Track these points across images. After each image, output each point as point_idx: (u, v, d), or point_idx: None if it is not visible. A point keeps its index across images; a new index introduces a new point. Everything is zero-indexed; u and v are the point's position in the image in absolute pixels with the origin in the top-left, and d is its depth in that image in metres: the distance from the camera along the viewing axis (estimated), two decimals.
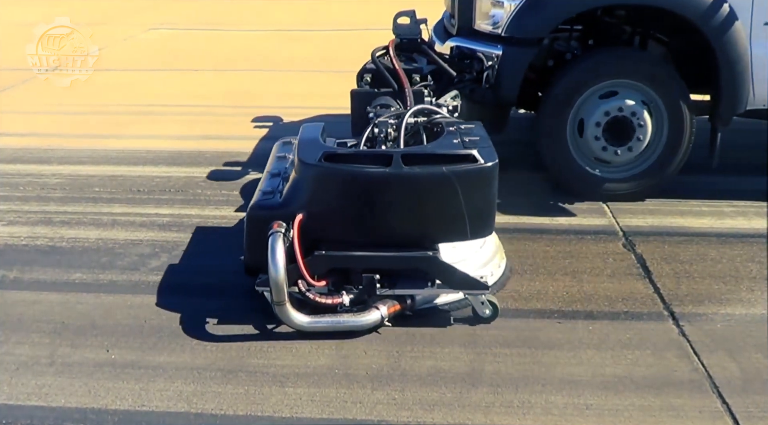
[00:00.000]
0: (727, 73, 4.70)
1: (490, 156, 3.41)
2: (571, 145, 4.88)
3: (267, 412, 2.96)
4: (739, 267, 4.09)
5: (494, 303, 3.55)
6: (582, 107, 4.83)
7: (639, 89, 4.79)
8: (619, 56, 4.95)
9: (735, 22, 4.60)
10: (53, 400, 3.03)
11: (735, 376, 3.17)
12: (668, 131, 4.83)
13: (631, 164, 4.94)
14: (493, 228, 3.59)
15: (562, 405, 2.99)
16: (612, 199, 4.92)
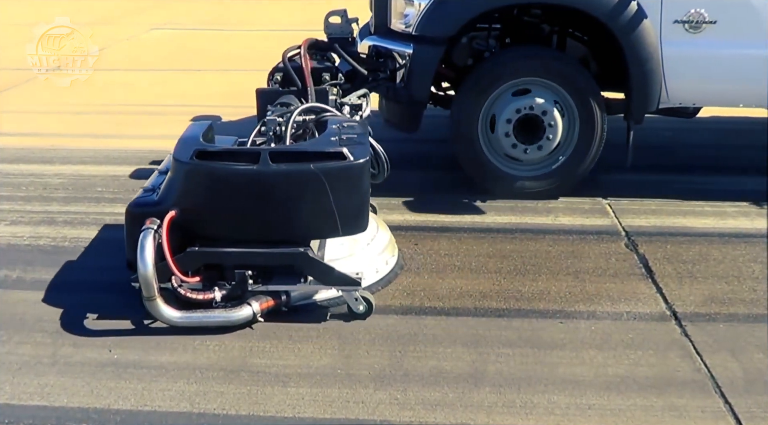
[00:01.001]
0: (637, 72, 4.71)
1: (360, 154, 3.44)
2: (482, 142, 4.91)
3: (269, 412, 2.96)
4: (741, 267, 4.08)
5: (368, 299, 3.58)
6: (493, 105, 4.85)
7: (550, 88, 4.80)
8: (529, 55, 4.95)
9: (643, 21, 4.61)
10: (55, 400, 3.03)
11: (737, 376, 3.17)
12: (579, 129, 4.85)
13: (543, 163, 4.96)
14: (367, 225, 3.60)
15: (564, 405, 2.99)
16: (524, 197, 4.94)
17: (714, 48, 4.66)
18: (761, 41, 4.66)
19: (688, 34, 4.64)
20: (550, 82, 4.79)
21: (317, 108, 4.01)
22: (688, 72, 4.77)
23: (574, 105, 4.82)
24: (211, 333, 3.44)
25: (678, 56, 4.70)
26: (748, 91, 4.88)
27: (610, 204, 4.89)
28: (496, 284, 3.92)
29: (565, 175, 4.95)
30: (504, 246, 4.34)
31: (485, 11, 4.81)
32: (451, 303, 3.74)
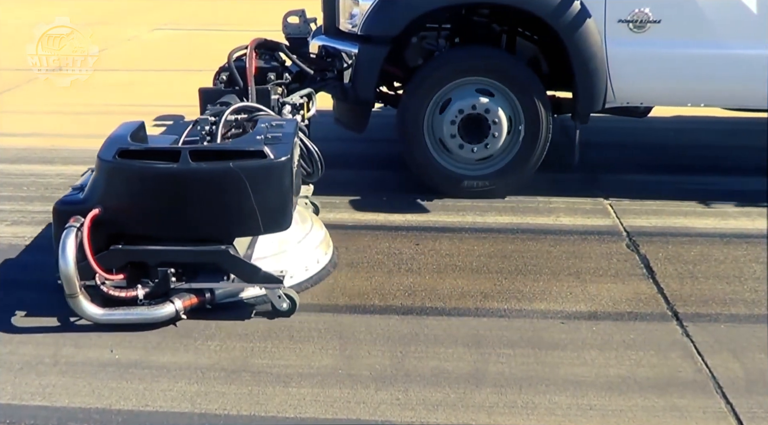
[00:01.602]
0: (581, 71, 4.73)
1: (282, 152, 3.46)
2: (429, 142, 4.92)
3: (271, 412, 2.96)
4: (742, 268, 4.08)
5: (292, 297, 3.59)
6: (438, 103, 4.86)
7: (495, 87, 4.81)
8: (472, 55, 4.97)
9: (587, 20, 4.63)
10: (57, 400, 3.03)
11: (739, 377, 3.17)
12: (525, 129, 4.86)
13: (489, 162, 4.97)
14: (290, 223, 3.60)
15: (565, 406, 2.99)
16: (471, 196, 4.95)
17: (659, 47, 4.68)
18: (706, 41, 4.69)
19: (632, 33, 4.66)
20: (494, 82, 4.81)
21: (250, 107, 4.05)
22: (633, 71, 4.80)
23: (518, 105, 4.83)
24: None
25: (623, 56, 4.72)
26: (695, 91, 4.91)
27: (612, 204, 4.89)
28: (498, 285, 3.92)
29: (512, 174, 4.97)
30: (505, 246, 4.34)
31: (428, 11, 4.81)
32: (452, 303, 3.74)
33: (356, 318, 3.61)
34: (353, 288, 3.89)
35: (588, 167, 5.61)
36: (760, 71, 4.73)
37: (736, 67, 4.74)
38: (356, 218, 4.72)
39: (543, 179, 5.26)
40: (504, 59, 4.97)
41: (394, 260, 4.19)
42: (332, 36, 5.05)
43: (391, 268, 4.10)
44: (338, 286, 3.90)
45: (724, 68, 4.75)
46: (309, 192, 4.56)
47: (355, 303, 3.76)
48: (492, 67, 4.84)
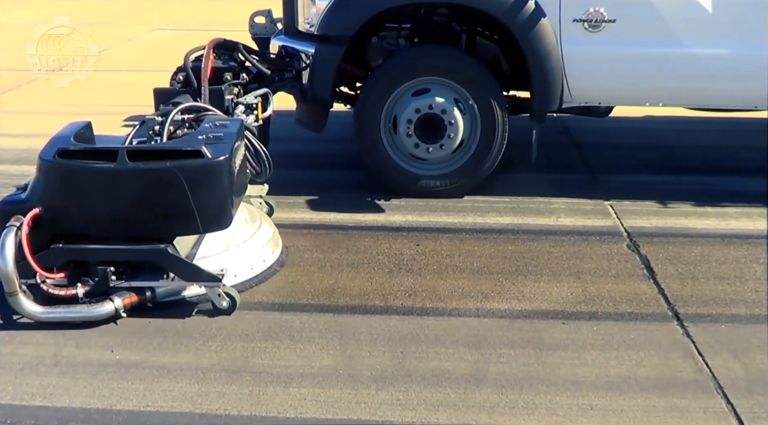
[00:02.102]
0: (537, 71, 4.74)
1: (220, 152, 3.50)
2: (386, 141, 4.94)
3: (271, 412, 2.96)
4: (743, 268, 4.08)
5: (232, 295, 3.61)
6: (395, 104, 4.88)
7: (451, 87, 4.82)
8: (428, 54, 4.98)
9: (541, 20, 4.63)
10: (57, 400, 3.03)
11: (739, 377, 3.17)
12: (481, 129, 4.87)
13: (446, 162, 4.97)
14: (229, 222, 3.63)
15: (566, 406, 2.99)
16: (428, 195, 4.96)
17: (614, 47, 4.69)
18: (661, 40, 4.69)
19: (587, 33, 4.67)
20: (450, 82, 4.82)
21: (197, 107, 4.07)
22: (589, 71, 4.80)
23: (474, 104, 4.84)
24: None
25: (578, 55, 4.73)
26: (651, 90, 4.92)
27: (612, 205, 4.89)
28: (498, 285, 3.92)
29: (468, 173, 4.97)
30: (506, 247, 4.34)
31: (382, 11, 4.81)
32: (452, 304, 3.74)
33: (357, 319, 3.61)
34: (354, 289, 3.89)
35: (588, 168, 5.62)
36: (715, 70, 4.77)
37: (692, 66, 4.75)
38: (357, 218, 4.72)
39: (543, 180, 5.27)
40: (458, 58, 4.97)
41: (395, 260, 4.19)
42: (291, 36, 5.07)
43: (391, 268, 4.10)
44: (339, 286, 3.90)
45: (680, 68, 4.77)
46: (263, 192, 4.60)
47: (356, 304, 3.76)
48: (448, 67, 4.84)
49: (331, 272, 4.05)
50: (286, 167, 5.38)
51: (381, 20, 4.96)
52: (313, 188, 5.18)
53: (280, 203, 4.77)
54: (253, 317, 3.62)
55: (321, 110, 5.08)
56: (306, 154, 5.93)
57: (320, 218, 4.72)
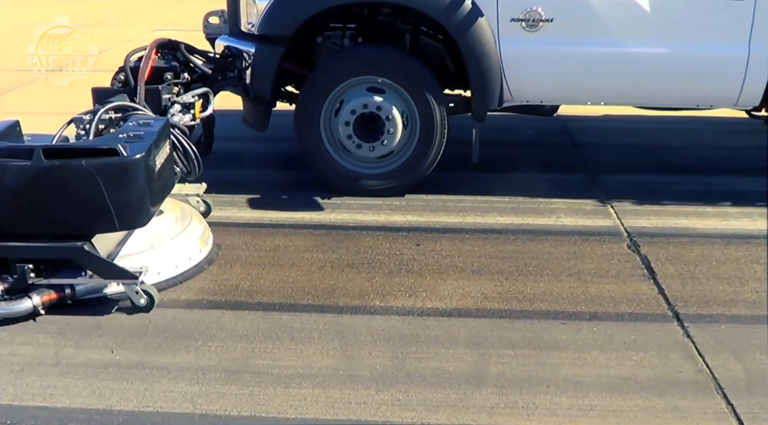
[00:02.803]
0: (475, 70, 4.76)
1: (136, 150, 3.53)
2: (326, 140, 4.98)
3: (271, 413, 2.96)
4: (743, 268, 4.08)
5: (150, 293, 3.64)
6: (334, 104, 4.91)
7: (390, 87, 4.84)
8: (367, 54, 5.01)
9: (479, 19, 4.65)
10: (58, 401, 3.03)
11: (740, 377, 3.17)
12: (420, 128, 4.89)
13: (386, 160, 5.00)
14: (147, 220, 3.68)
15: (566, 406, 2.99)
16: (369, 194, 4.99)
17: (552, 46, 4.71)
18: (599, 39, 4.71)
19: (525, 32, 4.68)
20: (389, 81, 4.84)
21: (125, 106, 4.11)
22: (528, 70, 4.82)
23: (413, 104, 4.86)
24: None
25: (516, 55, 4.74)
26: (591, 89, 4.94)
27: (612, 205, 4.89)
28: (498, 285, 3.92)
29: (408, 172, 4.99)
30: (506, 247, 4.34)
31: (318, 12, 4.83)
32: (453, 304, 3.74)
33: (357, 319, 3.62)
34: (354, 289, 3.89)
35: (589, 168, 5.62)
36: (654, 70, 4.78)
37: (631, 65, 4.77)
38: (357, 218, 4.73)
39: (544, 180, 5.27)
40: (395, 57, 4.97)
41: (395, 260, 4.19)
42: (235, 36, 5.10)
43: (392, 268, 4.10)
44: (339, 286, 3.90)
45: (619, 67, 4.78)
46: (201, 190, 4.63)
47: (356, 304, 3.76)
48: (383, 66, 4.86)
49: (332, 272, 4.05)
50: (231, 167, 5.49)
51: (324, 20, 5.00)
52: (254, 187, 5.20)
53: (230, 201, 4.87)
54: (253, 317, 3.62)
55: (264, 109, 5.09)
56: (252, 153, 5.96)
57: (320, 218, 4.72)
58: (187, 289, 3.87)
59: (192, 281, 3.96)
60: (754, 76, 4.70)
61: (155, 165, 3.65)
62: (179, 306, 3.73)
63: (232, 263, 4.14)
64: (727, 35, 4.69)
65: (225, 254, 4.24)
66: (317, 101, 4.89)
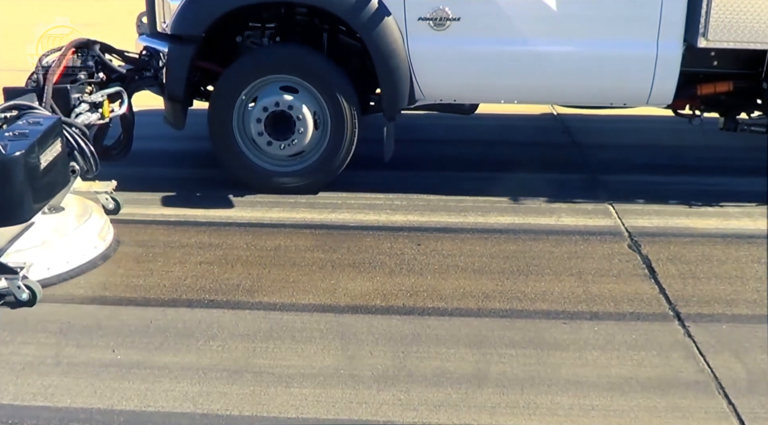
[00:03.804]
0: (382, 69, 4.80)
1: (16, 148, 3.59)
2: (239, 139, 5.00)
3: (273, 413, 2.96)
4: (744, 268, 4.08)
5: (32, 288, 3.69)
6: (247, 103, 4.94)
7: (302, 85, 4.87)
8: (279, 53, 5.04)
9: (386, 19, 4.68)
10: (59, 400, 3.03)
11: (741, 377, 3.17)
12: (331, 127, 4.91)
13: (298, 158, 5.03)
14: (29, 216, 3.74)
15: (567, 406, 2.99)
16: (282, 192, 5.02)
17: (460, 45, 4.74)
18: (507, 38, 4.73)
19: (433, 31, 4.71)
20: (300, 80, 4.86)
21: (20, 105, 4.12)
22: (436, 69, 4.85)
23: (324, 103, 4.88)
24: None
25: (425, 54, 4.77)
26: (502, 87, 4.96)
27: (613, 205, 4.89)
28: (499, 285, 3.92)
29: (320, 170, 5.03)
30: (507, 247, 4.34)
31: (227, 12, 4.85)
32: (454, 304, 3.74)
33: (358, 319, 3.62)
34: (355, 289, 3.89)
35: (589, 168, 5.62)
36: (562, 68, 4.81)
37: (540, 64, 4.80)
38: (358, 218, 4.73)
39: (545, 180, 5.27)
40: (305, 56, 4.99)
41: (396, 260, 4.19)
42: (152, 36, 5.15)
43: (393, 268, 4.10)
44: (340, 286, 3.90)
45: (527, 65, 4.81)
46: (110, 188, 4.68)
47: (357, 303, 3.76)
48: (295, 65, 4.88)
49: (333, 271, 4.05)
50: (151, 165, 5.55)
51: (242, 19, 5.03)
52: (169, 184, 5.22)
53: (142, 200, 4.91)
54: (254, 317, 3.62)
55: (180, 107, 5.11)
56: (175, 151, 6.00)
57: (321, 218, 4.72)
58: (188, 288, 3.87)
59: (193, 280, 3.95)
60: (664, 75, 4.74)
61: (39, 163, 3.69)
62: (180, 306, 3.72)
63: (233, 262, 4.14)
64: (635, 34, 4.73)
65: (226, 253, 4.24)
66: (230, 99, 4.93)
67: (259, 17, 5.11)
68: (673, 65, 4.73)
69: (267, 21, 5.14)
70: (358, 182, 5.23)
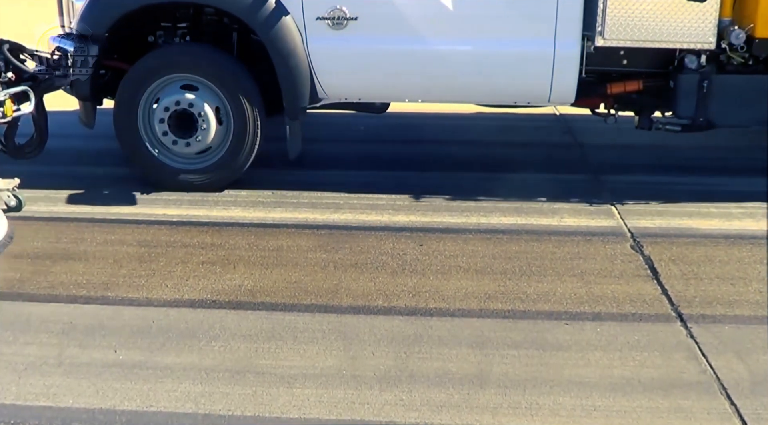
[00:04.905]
0: (282, 68, 4.83)
1: None
2: (145, 137, 5.04)
3: (275, 413, 2.96)
4: (747, 269, 4.08)
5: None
6: (151, 101, 4.97)
7: (203, 85, 4.90)
8: (180, 52, 5.08)
9: (283, 18, 4.72)
10: (61, 400, 3.03)
11: (743, 378, 3.17)
12: (234, 125, 4.95)
13: (204, 156, 5.07)
14: None
15: (570, 407, 2.99)
16: (188, 189, 5.05)
17: (359, 44, 4.77)
18: (405, 37, 4.75)
19: (332, 30, 4.75)
20: (202, 79, 4.89)
21: None
22: (337, 68, 4.88)
23: (227, 102, 4.91)
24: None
25: (324, 53, 4.81)
26: (402, 86, 4.98)
27: (615, 205, 4.89)
28: (502, 286, 3.92)
29: (225, 168, 5.06)
30: (509, 247, 4.34)
31: (127, 12, 4.89)
32: (456, 304, 3.74)
33: (360, 319, 3.62)
34: (357, 289, 3.89)
35: (592, 169, 5.62)
36: (461, 67, 4.83)
37: (439, 63, 4.81)
38: (360, 218, 4.73)
39: (547, 180, 5.27)
40: (207, 56, 5.01)
41: (398, 260, 4.19)
42: (62, 36, 5.19)
43: (395, 269, 4.10)
44: (342, 286, 3.90)
45: (427, 64, 4.82)
46: (12, 185, 4.69)
47: (359, 304, 3.76)
48: (196, 64, 4.91)
49: (335, 272, 4.05)
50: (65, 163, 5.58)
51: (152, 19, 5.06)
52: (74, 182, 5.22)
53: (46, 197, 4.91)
54: (256, 317, 3.63)
55: (90, 106, 5.14)
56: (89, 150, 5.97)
57: (323, 218, 4.72)
58: (191, 288, 3.87)
59: (195, 280, 3.95)
60: (563, 73, 4.76)
61: None
62: (183, 306, 3.72)
63: (235, 262, 4.14)
64: (532, 32, 4.75)
65: (228, 253, 4.24)
66: (133, 99, 4.96)
67: (171, 17, 5.13)
68: (572, 64, 4.75)
69: (179, 21, 5.17)
70: (359, 182, 5.23)
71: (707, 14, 4.58)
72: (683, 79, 4.82)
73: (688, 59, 4.80)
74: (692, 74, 4.81)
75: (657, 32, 4.61)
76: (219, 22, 5.17)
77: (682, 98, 4.84)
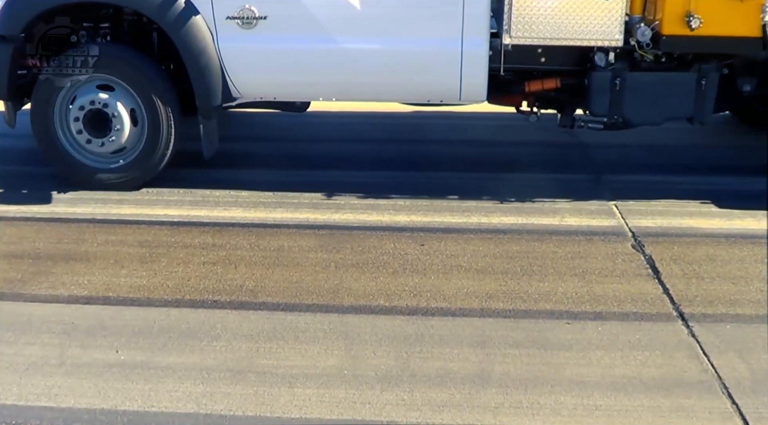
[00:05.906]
0: (192, 68, 4.85)
1: None
2: (62, 137, 5.06)
3: (276, 413, 2.96)
4: (748, 268, 4.07)
5: None
6: (67, 101, 4.98)
7: (118, 85, 4.93)
8: (92, 53, 5.03)
9: (193, 17, 4.73)
10: (63, 401, 3.03)
11: (745, 377, 3.17)
12: (148, 124, 4.96)
13: (120, 155, 5.09)
14: None
15: (571, 406, 2.99)
16: (105, 188, 5.08)
17: (269, 43, 4.79)
18: (314, 36, 4.76)
19: (242, 30, 4.76)
20: (117, 79, 4.91)
21: None
22: (248, 67, 4.89)
23: (140, 102, 4.93)
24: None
25: (235, 52, 4.82)
26: (314, 85, 5.00)
27: (617, 205, 4.88)
28: (503, 285, 3.91)
29: (140, 167, 5.08)
30: (510, 247, 4.34)
31: (39, 13, 4.91)
32: (457, 304, 3.74)
33: (361, 319, 3.62)
34: (358, 289, 3.89)
35: (593, 168, 5.61)
36: (369, 66, 4.84)
37: (348, 61, 4.83)
38: (361, 219, 4.72)
39: (548, 180, 5.27)
40: (122, 57, 5.02)
41: (400, 260, 4.18)
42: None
43: (396, 268, 4.10)
44: (343, 286, 3.91)
45: (336, 63, 4.83)
46: None
47: (361, 304, 3.76)
48: (110, 65, 4.93)
49: (336, 272, 4.06)
50: None
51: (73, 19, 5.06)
52: None
53: None
54: (257, 317, 3.63)
55: (10, 105, 5.13)
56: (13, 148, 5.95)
57: (324, 219, 4.71)
58: (192, 289, 3.87)
59: (197, 280, 3.95)
60: (471, 71, 4.76)
61: None
62: (184, 306, 3.73)
63: (236, 263, 4.14)
64: (439, 31, 4.75)
65: (229, 254, 4.25)
66: (49, 97, 4.98)
67: (93, 17, 5.13)
68: (480, 62, 4.75)
69: (100, 21, 5.17)
70: (359, 182, 5.23)
71: (613, 11, 4.59)
72: (595, 76, 4.83)
73: (597, 57, 4.79)
74: (603, 72, 4.81)
75: (564, 30, 4.62)
76: (139, 22, 5.18)
77: (595, 96, 4.86)
